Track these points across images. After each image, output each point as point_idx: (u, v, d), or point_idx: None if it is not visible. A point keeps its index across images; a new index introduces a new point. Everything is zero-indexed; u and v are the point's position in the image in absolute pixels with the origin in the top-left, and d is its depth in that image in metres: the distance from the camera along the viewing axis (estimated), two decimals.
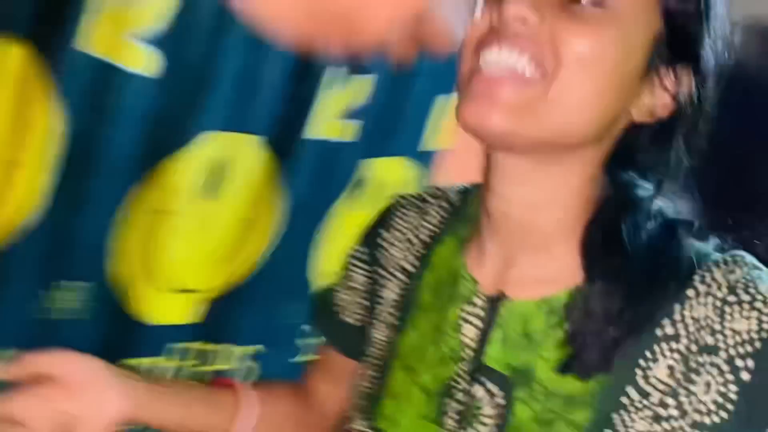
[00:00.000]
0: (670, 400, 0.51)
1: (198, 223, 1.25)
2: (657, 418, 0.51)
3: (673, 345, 0.51)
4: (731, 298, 0.50)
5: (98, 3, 1.02)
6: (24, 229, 1.03)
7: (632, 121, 0.56)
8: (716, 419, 0.49)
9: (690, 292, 0.52)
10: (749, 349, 0.48)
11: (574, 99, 0.51)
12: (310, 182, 1.39)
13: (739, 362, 0.48)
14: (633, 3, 0.51)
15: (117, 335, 1.19)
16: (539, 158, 0.55)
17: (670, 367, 0.51)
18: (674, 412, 0.51)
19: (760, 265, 0.54)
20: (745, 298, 0.50)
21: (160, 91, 1.13)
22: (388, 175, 1.47)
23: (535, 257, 0.58)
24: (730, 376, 0.48)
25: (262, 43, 1.23)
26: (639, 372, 0.52)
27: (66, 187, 1.07)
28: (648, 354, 0.52)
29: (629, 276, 0.53)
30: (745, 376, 0.48)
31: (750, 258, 0.54)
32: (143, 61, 1.10)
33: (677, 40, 0.54)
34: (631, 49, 0.52)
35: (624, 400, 0.52)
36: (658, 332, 0.52)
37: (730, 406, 0.48)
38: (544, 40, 0.50)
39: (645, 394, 0.52)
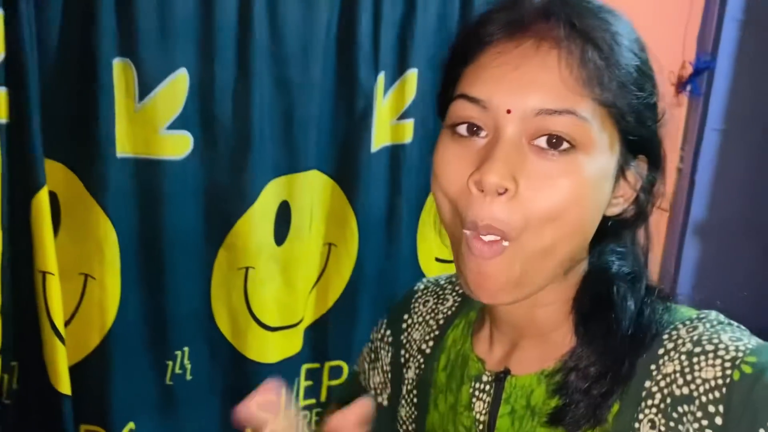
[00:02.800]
0: None
1: (280, 267, 1.31)
2: None
3: (649, 402, 0.55)
4: (697, 350, 0.54)
5: (127, 110, 1.09)
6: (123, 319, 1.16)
7: (605, 215, 0.60)
8: None
9: (660, 351, 0.56)
10: (717, 395, 0.52)
11: (561, 241, 0.55)
12: (379, 194, 1.39)
13: (711, 408, 0.52)
14: (600, 137, 0.54)
15: (239, 380, 1.31)
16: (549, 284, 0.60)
17: (651, 421, 0.55)
18: None
19: (726, 320, 0.58)
20: (709, 348, 0.54)
21: (201, 166, 1.18)
22: None
23: (536, 341, 0.63)
24: (705, 422, 0.52)
25: (289, 82, 1.23)
26: (627, 429, 0.56)
27: (149, 276, 1.18)
28: (634, 413, 0.56)
29: (612, 339, 0.57)
30: (718, 420, 0.51)
31: (716, 315, 0.58)
32: (178, 146, 1.15)
33: (636, 149, 0.58)
34: (605, 176, 0.56)
35: None
36: (640, 391, 0.56)
37: None
38: (511, 209, 0.53)
39: None
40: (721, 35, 1.98)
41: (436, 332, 0.73)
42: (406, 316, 0.76)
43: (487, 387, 0.65)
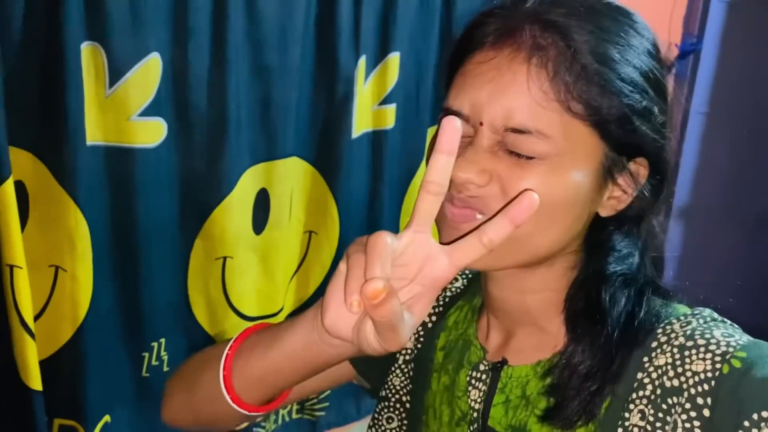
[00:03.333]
0: None
1: (259, 256, 1.28)
2: None
3: (641, 393, 0.56)
4: (689, 344, 0.55)
5: (97, 96, 1.05)
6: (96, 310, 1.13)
7: (599, 215, 0.60)
8: None
9: (653, 344, 0.58)
10: (706, 387, 0.53)
11: (531, 234, 0.56)
12: (360, 181, 1.36)
13: (699, 400, 0.53)
14: (572, 147, 0.55)
15: None
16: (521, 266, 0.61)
17: (641, 412, 0.56)
18: None
19: (719, 317, 0.59)
20: (701, 342, 0.55)
21: (175, 154, 1.15)
22: None
23: (530, 330, 0.65)
24: (693, 413, 0.53)
25: (266, 67, 1.20)
26: (619, 423, 0.57)
27: (123, 267, 1.15)
28: (625, 404, 0.57)
29: (601, 339, 0.58)
30: (706, 412, 0.52)
31: (710, 312, 0.59)
32: (151, 133, 1.11)
33: (624, 152, 0.58)
34: (579, 181, 0.56)
35: None
36: (632, 382, 0.57)
37: None
38: (494, 194, 0.56)
39: None
40: (707, 17, 1.96)
41: (440, 308, 0.75)
42: None
43: (483, 376, 0.66)
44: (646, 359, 0.57)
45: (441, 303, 0.75)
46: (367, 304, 0.46)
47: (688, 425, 0.53)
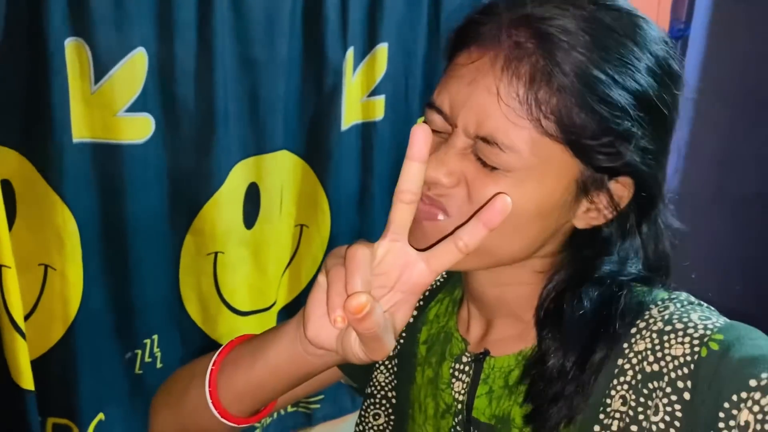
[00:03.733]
0: (633, 427, 0.55)
1: (250, 251, 1.27)
2: None
3: (621, 379, 0.57)
4: (667, 328, 0.56)
5: (83, 93, 1.04)
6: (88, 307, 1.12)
7: (575, 227, 0.60)
8: None
9: (632, 330, 0.58)
10: (686, 371, 0.53)
11: (494, 243, 0.56)
12: (350, 173, 1.35)
13: (680, 384, 0.53)
14: (541, 163, 0.54)
15: None
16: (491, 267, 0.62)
17: (623, 397, 0.56)
18: None
19: (696, 300, 0.59)
20: (679, 326, 0.55)
21: (163, 149, 1.14)
22: None
23: (510, 320, 0.65)
24: (674, 397, 0.53)
25: (254, 60, 1.19)
26: (601, 409, 0.57)
27: (113, 265, 1.14)
28: (606, 391, 0.58)
29: (576, 338, 0.58)
30: (687, 395, 0.53)
31: (686, 296, 0.60)
32: (139, 129, 1.10)
33: (604, 171, 0.56)
34: (545, 196, 0.55)
35: None
36: (613, 368, 0.58)
37: (677, 423, 0.53)
38: (460, 196, 0.56)
39: (607, 427, 0.57)
40: (694, 3, 1.96)
41: (421, 302, 0.75)
42: None
43: (466, 368, 0.67)
44: (625, 345, 0.58)
45: (421, 297, 0.74)
46: (351, 319, 0.46)
47: (669, 409, 0.53)
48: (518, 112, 0.52)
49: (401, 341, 0.75)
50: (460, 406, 0.66)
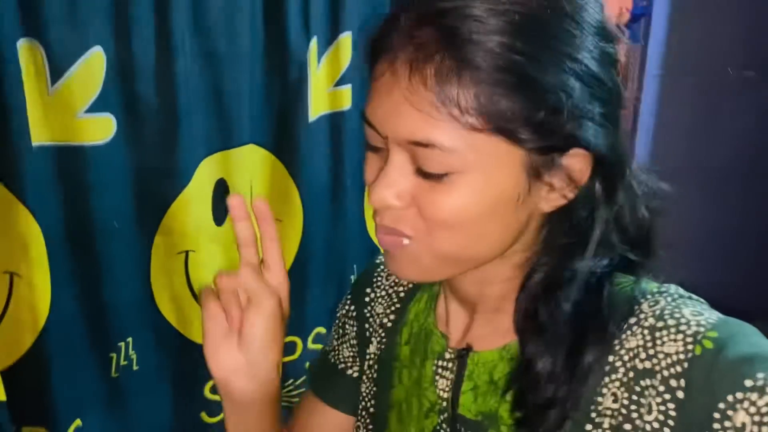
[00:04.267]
0: (627, 426, 0.54)
1: (222, 248, 1.26)
2: None
3: (613, 376, 0.56)
4: (659, 324, 0.54)
5: (40, 95, 1.01)
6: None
7: (545, 212, 0.58)
8: None
9: (623, 326, 0.56)
10: (679, 369, 0.52)
11: (463, 250, 0.56)
12: (321, 165, 1.34)
13: (673, 382, 0.52)
14: (480, 157, 0.52)
15: (188, 365, 1.27)
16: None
17: (614, 395, 0.55)
18: None
19: (686, 293, 0.57)
20: (671, 322, 0.54)
21: (127, 149, 1.12)
22: None
23: (491, 315, 0.64)
24: (667, 396, 0.52)
25: (215, 54, 1.17)
26: (592, 407, 0.56)
27: (82, 269, 1.12)
28: (597, 389, 0.56)
29: (561, 339, 0.56)
30: (680, 394, 0.52)
31: (676, 288, 0.58)
32: (100, 130, 1.08)
33: (551, 150, 0.54)
34: (497, 191, 0.54)
35: None
36: (603, 365, 0.56)
37: (671, 422, 0.52)
38: (414, 216, 0.55)
39: (599, 425, 0.56)
40: None
41: (398, 305, 0.73)
42: (368, 290, 0.76)
43: (450, 364, 0.65)
44: (616, 342, 0.56)
45: (397, 300, 0.73)
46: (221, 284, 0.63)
47: (662, 408, 0.52)
48: (436, 114, 0.51)
49: (381, 347, 0.73)
50: (444, 403, 0.65)
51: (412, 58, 0.51)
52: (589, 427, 0.56)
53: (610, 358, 0.56)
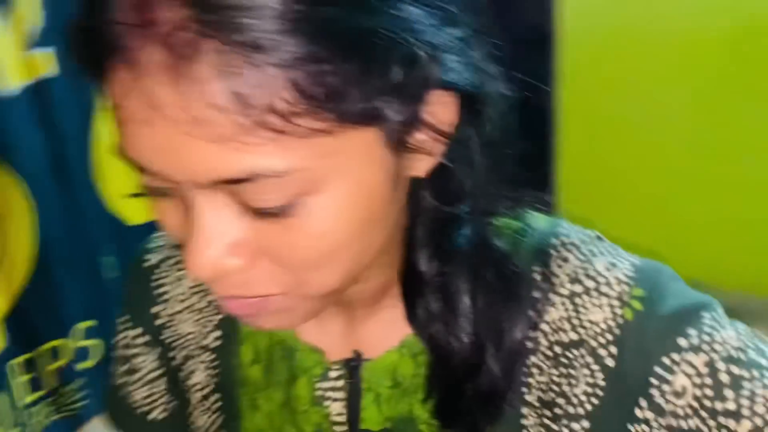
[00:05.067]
0: (560, 400, 0.50)
1: None
2: (554, 418, 0.51)
3: (539, 352, 0.51)
4: (577, 289, 0.50)
5: None
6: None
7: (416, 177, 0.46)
8: (589, 407, 0.49)
9: (536, 294, 0.51)
10: (609, 337, 0.48)
11: (345, 273, 0.43)
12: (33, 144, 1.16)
13: (602, 351, 0.49)
14: (322, 160, 0.38)
15: None
16: None
17: (539, 367, 0.51)
18: (561, 411, 0.51)
19: (583, 233, 0.53)
20: (590, 284, 0.50)
21: None
22: None
23: (377, 310, 0.54)
24: (596, 366, 0.49)
25: None
26: (525, 389, 0.52)
27: None
28: (525, 369, 0.51)
29: (466, 315, 0.49)
30: (610, 362, 0.49)
31: (575, 231, 0.52)
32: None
33: (393, 114, 0.40)
34: (367, 187, 0.41)
35: (522, 421, 0.52)
36: (526, 343, 0.51)
37: (600, 393, 0.49)
38: (267, 268, 0.41)
39: (530, 404, 0.51)
40: None
41: (218, 317, 0.59)
42: (156, 309, 0.62)
43: (338, 383, 0.55)
44: (531, 313, 0.50)
45: (213, 311, 0.60)
46: None
47: (590, 379, 0.49)
48: (242, 135, 0.35)
49: (217, 371, 0.60)
50: (341, 425, 0.55)
51: (167, 60, 0.34)
52: (525, 411, 0.51)
53: (531, 333, 0.50)
